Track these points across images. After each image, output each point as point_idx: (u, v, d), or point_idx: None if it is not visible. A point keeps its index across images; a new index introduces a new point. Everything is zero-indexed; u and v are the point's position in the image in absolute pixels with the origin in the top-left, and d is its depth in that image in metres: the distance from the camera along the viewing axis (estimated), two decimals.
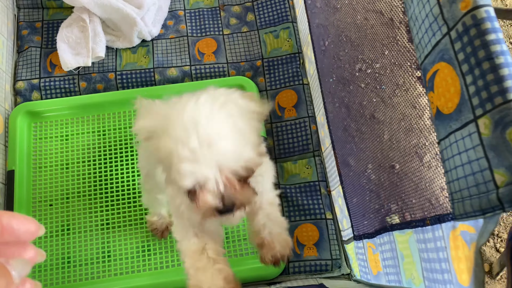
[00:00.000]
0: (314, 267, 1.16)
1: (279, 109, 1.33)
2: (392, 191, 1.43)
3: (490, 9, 0.46)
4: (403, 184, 1.44)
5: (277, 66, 1.37)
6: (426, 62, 0.58)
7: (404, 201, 1.46)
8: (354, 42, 1.69)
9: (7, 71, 1.34)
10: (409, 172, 1.48)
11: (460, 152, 0.51)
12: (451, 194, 0.55)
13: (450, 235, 0.56)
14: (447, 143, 0.54)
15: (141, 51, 1.39)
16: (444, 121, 0.54)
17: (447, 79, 0.53)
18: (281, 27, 1.41)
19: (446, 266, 0.57)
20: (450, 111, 0.52)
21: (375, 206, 1.42)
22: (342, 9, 1.76)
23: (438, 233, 0.59)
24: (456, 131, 0.52)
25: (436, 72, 0.55)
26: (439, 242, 0.59)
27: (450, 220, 0.55)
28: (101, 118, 1.31)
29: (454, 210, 0.54)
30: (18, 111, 1.28)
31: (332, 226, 1.21)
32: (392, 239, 0.81)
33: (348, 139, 1.47)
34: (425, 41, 0.58)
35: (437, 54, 0.55)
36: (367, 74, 1.65)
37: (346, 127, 1.49)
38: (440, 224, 0.59)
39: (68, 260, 1.17)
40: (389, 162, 1.51)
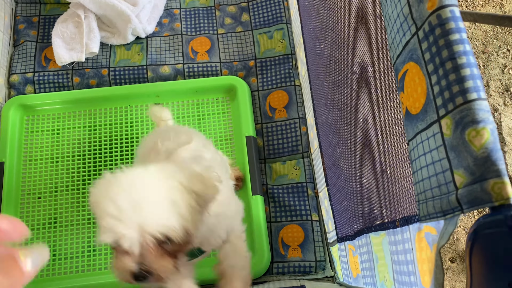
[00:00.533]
0: (298, 268, 1.16)
1: (270, 110, 1.33)
2: (382, 195, 1.43)
3: (455, 9, 0.46)
4: (394, 188, 1.43)
5: (269, 66, 1.38)
6: (398, 62, 0.58)
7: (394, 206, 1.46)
8: (349, 46, 1.69)
9: (2, 64, 1.35)
10: (401, 177, 1.47)
11: (425, 153, 0.51)
12: (417, 195, 0.55)
13: (416, 237, 0.56)
14: (414, 144, 0.54)
15: (135, 48, 1.40)
16: (412, 121, 0.54)
17: (415, 79, 0.52)
18: (275, 28, 1.42)
19: (412, 268, 0.57)
20: (417, 111, 0.52)
21: (365, 210, 1.42)
22: (338, 11, 1.76)
23: (406, 234, 0.59)
24: (422, 132, 0.51)
25: (406, 72, 0.55)
26: (407, 244, 0.59)
27: (417, 221, 0.55)
28: (92, 113, 1.32)
29: (419, 211, 0.54)
30: (11, 103, 1.29)
31: (318, 227, 1.20)
32: (368, 241, 0.81)
33: (340, 142, 1.47)
34: (397, 41, 0.57)
35: (407, 54, 0.55)
36: (362, 78, 1.65)
37: (339, 130, 1.49)
38: (408, 225, 0.58)
39: (53, 253, 1.18)
40: (381, 166, 1.50)
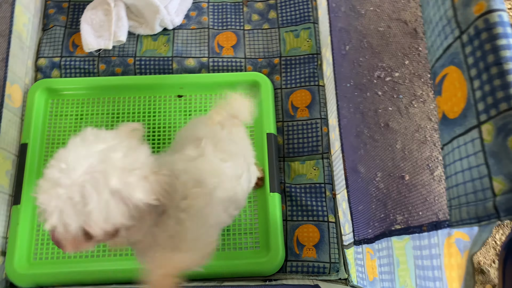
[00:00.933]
0: (312, 268, 1.16)
1: (292, 108, 1.33)
2: (399, 201, 1.41)
3: (503, 14, 0.46)
4: (412, 195, 1.42)
5: (294, 65, 1.37)
6: (437, 65, 0.57)
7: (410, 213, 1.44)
8: (375, 49, 1.68)
9: (31, 47, 1.37)
10: (419, 184, 1.46)
11: (461, 158, 0.51)
12: (449, 201, 0.54)
13: (445, 242, 0.55)
14: (450, 148, 0.54)
15: (162, 39, 1.41)
16: (449, 125, 0.53)
17: (455, 83, 0.52)
18: (302, 27, 1.41)
19: (438, 274, 0.57)
20: (455, 115, 0.52)
21: (381, 215, 1.41)
22: (366, 15, 1.75)
23: (433, 240, 0.59)
24: (460, 136, 0.51)
25: (445, 76, 0.55)
26: (434, 249, 0.58)
27: (446, 227, 0.55)
28: (116, 101, 1.33)
29: (450, 217, 0.53)
30: (37, 86, 1.31)
31: (334, 229, 1.20)
32: (390, 245, 0.80)
33: (360, 145, 1.46)
34: (437, 44, 0.57)
35: (447, 57, 0.54)
36: (386, 82, 1.64)
37: (359, 133, 1.48)
38: (436, 230, 0.58)
39: None
40: (400, 172, 1.49)
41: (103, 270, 1.14)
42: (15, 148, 1.25)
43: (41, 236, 1.19)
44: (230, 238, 1.19)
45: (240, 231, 1.20)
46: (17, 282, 1.14)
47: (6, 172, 1.20)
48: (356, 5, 1.70)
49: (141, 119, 1.31)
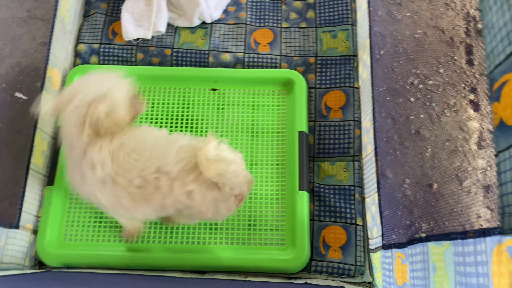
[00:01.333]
0: (337, 270, 1.16)
1: (325, 109, 1.33)
2: (426, 209, 1.40)
3: None
4: (438, 204, 1.40)
5: (330, 65, 1.37)
6: (496, 71, 0.57)
7: (436, 222, 1.42)
8: (410, 56, 1.66)
9: (72, 32, 1.40)
10: (446, 194, 1.44)
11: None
12: (502, 208, 0.54)
13: (494, 250, 0.55)
14: (506, 155, 0.53)
15: (199, 32, 1.42)
16: (507, 132, 0.53)
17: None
18: (340, 28, 1.41)
19: (484, 281, 0.56)
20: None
21: (406, 222, 1.40)
22: (402, 21, 1.74)
23: (480, 247, 0.58)
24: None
25: (506, 82, 0.54)
26: (480, 256, 0.58)
27: (497, 234, 0.54)
28: (152, 90, 1.35)
29: (503, 224, 0.53)
30: (76, 71, 1.33)
31: (361, 232, 1.19)
32: (425, 250, 0.79)
33: (389, 151, 1.45)
34: (498, 50, 0.56)
35: (509, 64, 0.54)
36: (419, 89, 1.62)
37: (389, 138, 1.47)
38: (484, 237, 0.57)
39: (100, 220, 1.21)
40: (428, 180, 1.47)
41: (131, 256, 1.16)
42: (52, 130, 1.28)
43: (71, 217, 1.21)
44: (256, 233, 1.20)
45: (267, 227, 1.20)
46: (46, 261, 1.17)
47: (42, 152, 1.23)
48: (393, 10, 1.69)
49: (175, 110, 1.32)
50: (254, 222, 1.21)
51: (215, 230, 1.20)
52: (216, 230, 1.20)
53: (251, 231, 1.20)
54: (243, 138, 1.30)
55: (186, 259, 1.15)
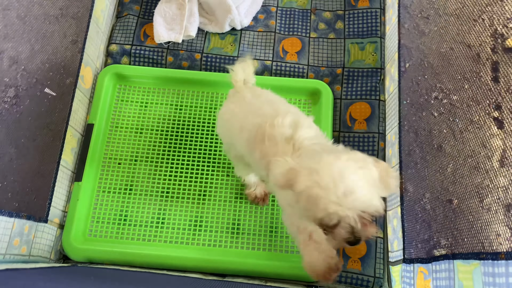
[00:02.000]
0: (356, 281, 1.17)
1: (349, 120, 1.34)
2: (445, 225, 1.41)
3: None
4: (458, 220, 1.41)
5: (356, 77, 1.38)
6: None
7: (455, 238, 1.43)
8: (435, 70, 1.67)
9: (105, 32, 1.43)
10: (466, 210, 1.45)
11: None
12: None
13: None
14: None
15: (229, 39, 1.44)
16: None
17: None
18: (368, 40, 1.42)
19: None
20: None
21: (424, 236, 1.41)
22: (429, 34, 1.75)
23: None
24: None
25: None
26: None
27: None
28: (180, 93, 1.37)
29: None
30: (107, 71, 1.36)
31: (381, 245, 1.20)
32: (451, 267, 0.80)
33: (410, 164, 1.46)
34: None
35: None
36: (442, 104, 1.64)
37: (411, 152, 1.48)
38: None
39: (125, 218, 1.24)
40: (448, 196, 1.48)
41: (152, 254, 1.18)
42: (82, 128, 1.31)
43: (97, 213, 1.24)
44: (278, 240, 1.21)
45: (289, 234, 1.22)
46: (71, 255, 1.19)
47: (71, 149, 1.26)
48: (420, 24, 1.70)
49: (202, 113, 1.35)
50: (276, 229, 1.22)
51: (237, 235, 1.22)
52: (238, 235, 1.22)
53: (272, 237, 1.21)
54: None
55: (207, 261, 1.17)
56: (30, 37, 1.23)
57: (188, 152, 1.31)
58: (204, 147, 1.31)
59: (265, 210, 1.24)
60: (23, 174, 1.11)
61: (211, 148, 1.31)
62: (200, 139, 1.32)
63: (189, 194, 1.26)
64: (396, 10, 1.37)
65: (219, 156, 1.30)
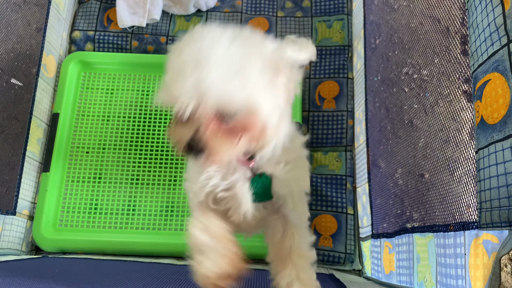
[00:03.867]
0: (327, 258, 1.18)
1: (318, 99, 1.34)
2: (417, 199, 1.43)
3: None
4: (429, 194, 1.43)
5: (324, 56, 1.38)
6: (479, 71, 0.58)
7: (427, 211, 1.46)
8: (405, 45, 1.67)
9: (67, 19, 1.40)
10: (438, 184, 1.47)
11: (497, 163, 0.52)
12: (479, 203, 0.56)
13: (472, 243, 0.57)
14: (486, 153, 0.55)
15: (195, 20, 1.42)
16: (487, 131, 0.55)
17: (497, 90, 0.53)
18: (335, 18, 1.41)
19: (461, 273, 0.58)
20: (495, 121, 0.53)
21: (397, 211, 1.42)
22: (399, 10, 1.74)
23: (460, 239, 0.60)
24: (497, 142, 0.52)
25: (487, 82, 0.55)
26: (459, 249, 0.60)
27: (475, 228, 0.56)
28: (146, 78, 1.35)
29: (480, 219, 0.55)
30: (70, 58, 1.34)
31: (352, 221, 1.22)
32: (411, 241, 0.82)
33: (382, 140, 1.47)
34: (481, 50, 0.58)
35: (491, 64, 0.55)
36: (413, 79, 1.64)
37: (382, 128, 1.49)
38: (463, 231, 0.59)
39: (95, 207, 1.23)
40: (420, 170, 1.50)
41: (124, 242, 1.18)
42: (47, 117, 1.29)
43: (67, 203, 1.23)
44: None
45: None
46: (42, 246, 1.19)
47: (37, 139, 1.24)
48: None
49: None
50: None
51: None
52: None
53: None
54: None
55: (179, 245, 1.17)
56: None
57: (156, 138, 1.30)
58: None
59: None
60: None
61: None
62: (169, 124, 1.31)
63: (159, 180, 1.26)
64: None
65: None
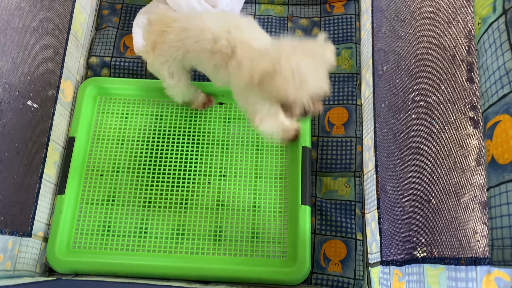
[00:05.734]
0: (336, 283, 1.19)
1: (328, 125, 1.37)
2: (424, 224, 1.44)
3: None
4: (437, 219, 1.45)
5: (333, 82, 1.41)
6: (489, 111, 0.61)
7: (434, 237, 1.47)
8: (412, 72, 1.70)
9: (84, 45, 1.44)
10: (445, 210, 1.49)
11: (508, 203, 0.54)
12: (491, 240, 0.58)
13: (483, 279, 0.58)
14: (497, 192, 0.57)
15: None
16: (498, 170, 0.57)
17: (507, 132, 0.55)
18: (344, 46, 1.45)
19: None
20: (506, 162, 0.55)
21: (405, 236, 1.44)
22: (405, 37, 1.78)
23: (471, 274, 0.62)
24: (508, 182, 0.54)
25: (498, 123, 0.58)
26: (471, 283, 0.62)
27: (486, 264, 0.58)
28: (161, 103, 1.39)
29: (492, 256, 0.57)
30: (87, 83, 1.38)
31: (361, 247, 1.23)
32: (421, 271, 0.83)
33: (389, 165, 1.49)
34: (492, 91, 0.60)
35: (502, 106, 0.57)
36: (420, 106, 1.67)
37: (390, 154, 1.51)
38: (475, 266, 0.61)
39: (108, 229, 1.26)
40: (427, 195, 1.51)
41: (136, 264, 1.20)
42: (63, 141, 1.32)
43: (81, 225, 1.26)
44: (259, 245, 1.24)
45: (269, 239, 1.24)
46: (56, 267, 1.21)
47: (54, 163, 1.27)
48: (396, 27, 1.73)
49: (183, 122, 1.37)
50: (257, 235, 1.25)
51: (219, 242, 1.24)
52: (220, 242, 1.24)
53: (254, 243, 1.24)
54: (248, 151, 1.34)
55: (190, 269, 1.19)
56: (11, 50, 1.24)
57: (169, 161, 1.33)
58: (186, 156, 1.33)
59: (246, 217, 1.27)
60: (8, 187, 1.12)
61: (192, 156, 1.33)
62: (181, 148, 1.34)
63: (171, 203, 1.28)
64: (370, 16, 1.39)
65: (200, 164, 1.33)
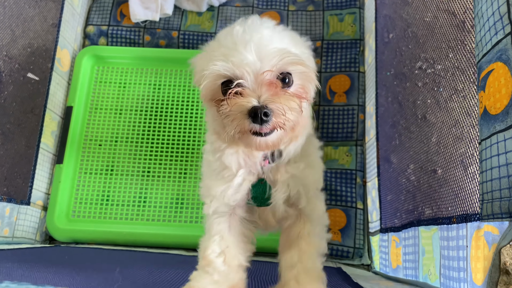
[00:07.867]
0: (336, 252, 1.18)
1: (329, 93, 1.34)
2: (429, 195, 1.41)
3: None
4: (442, 190, 1.41)
5: (336, 49, 1.37)
6: (483, 60, 0.57)
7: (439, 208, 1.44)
8: (419, 39, 1.64)
9: (81, 14, 1.42)
10: (451, 180, 1.44)
11: (499, 154, 0.51)
12: (481, 195, 0.55)
13: (473, 235, 0.56)
14: (488, 144, 0.54)
15: (206, 15, 1.43)
16: (489, 121, 0.54)
17: (500, 80, 0.52)
18: (347, 11, 1.40)
19: (463, 265, 0.58)
20: (497, 112, 0.52)
21: (409, 207, 1.41)
22: (413, 3, 1.71)
23: (462, 232, 0.60)
24: (499, 132, 0.51)
25: (491, 71, 0.55)
26: (462, 241, 0.59)
27: (476, 220, 0.56)
28: (159, 72, 1.37)
29: (481, 211, 0.54)
30: (84, 52, 1.36)
31: (361, 216, 1.21)
32: (416, 234, 0.81)
33: (394, 135, 1.45)
34: (486, 39, 0.57)
35: (495, 53, 0.54)
36: (427, 74, 1.61)
37: (395, 123, 1.47)
38: (465, 223, 0.59)
39: (107, 198, 1.26)
40: (432, 166, 1.47)
41: (135, 233, 1.20)
42: (61, 110, 1.31)
43: (80, 195, 1.26)
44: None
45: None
46: (55, 236, 1.22)
47: (51, 132, 1.27)
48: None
49: (181, 92, 1.35)
50: None
51: None
52: None
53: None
54: None
55: (189, 237, 1.18)
56: (11, 22, 1.23)
57: (168, 130, 1.31)
58: (184, 125, 1.32)
59: None
60: (10, 159, 1.13)
61: (190, 126, 1.32)
62: (180, 117, 1.32)
63: (169, 172, 1.27)
64: None
65: (199, 133, 1.31)
